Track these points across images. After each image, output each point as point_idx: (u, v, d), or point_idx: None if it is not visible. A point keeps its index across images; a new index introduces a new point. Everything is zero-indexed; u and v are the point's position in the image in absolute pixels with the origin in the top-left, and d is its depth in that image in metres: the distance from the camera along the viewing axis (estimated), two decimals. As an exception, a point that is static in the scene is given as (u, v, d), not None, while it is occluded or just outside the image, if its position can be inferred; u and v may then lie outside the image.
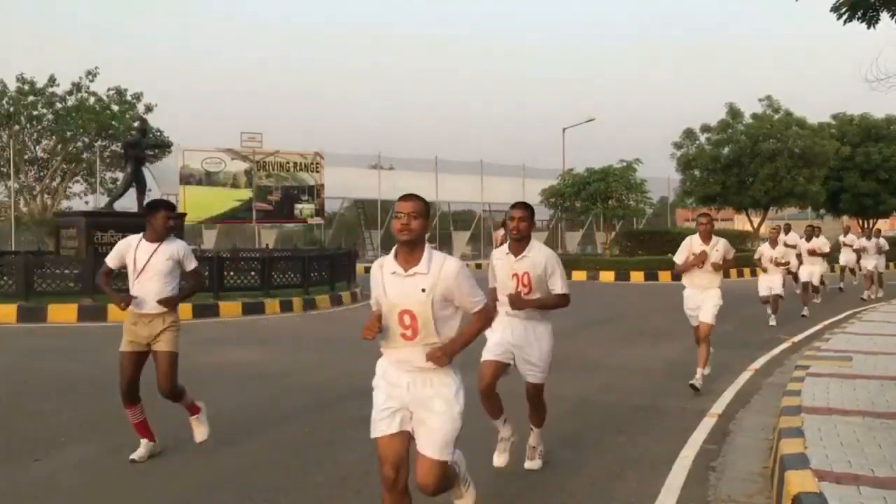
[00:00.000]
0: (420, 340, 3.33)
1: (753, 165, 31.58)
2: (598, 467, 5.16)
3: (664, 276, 24.52)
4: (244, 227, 35.39)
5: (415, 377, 3.37)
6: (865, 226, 39.46)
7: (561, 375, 8.24)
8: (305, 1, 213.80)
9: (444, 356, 3.28)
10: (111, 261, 5.32)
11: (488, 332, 4.70)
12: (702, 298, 7.62)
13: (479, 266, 33.72)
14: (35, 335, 11.63)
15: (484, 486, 4.78)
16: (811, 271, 15.15)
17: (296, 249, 21.31)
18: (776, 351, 10.26)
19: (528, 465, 5.07)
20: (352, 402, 7.08)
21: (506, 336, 4.87)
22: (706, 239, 7.63)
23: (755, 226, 35.07)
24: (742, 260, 28.17)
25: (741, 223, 41.83)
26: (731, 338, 11.42)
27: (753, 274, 27.25)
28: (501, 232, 29.43)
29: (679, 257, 7.73)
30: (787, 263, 13.45)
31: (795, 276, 15.98)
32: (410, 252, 3.33)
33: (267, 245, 31.39)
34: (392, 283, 3.35)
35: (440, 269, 3.30)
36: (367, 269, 30.91)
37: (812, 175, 31.75)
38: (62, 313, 13.10)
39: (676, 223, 45.37)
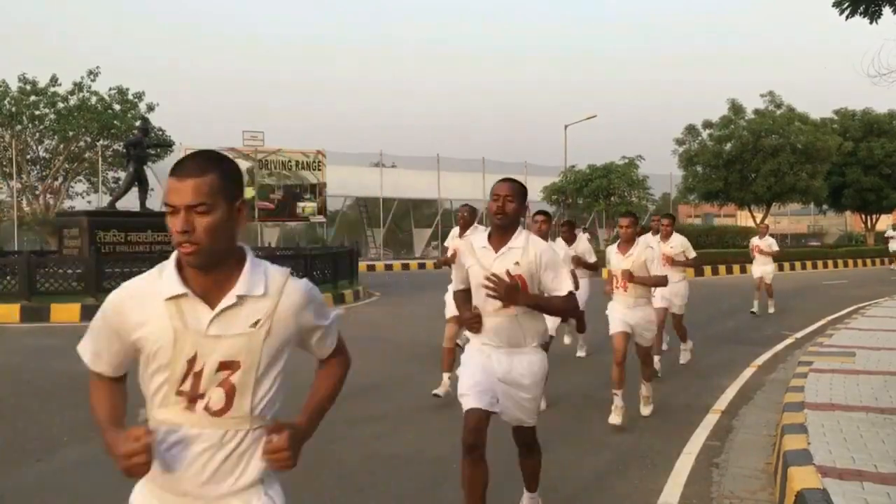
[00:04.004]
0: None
1: (756, 161, 31.52)
2: (601, 464, 5.15)
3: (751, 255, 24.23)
4: (246, 226, 35.36)
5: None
6: (868, 221, 39.44)
7: (563, 372, 8.23)
8: (307, 1, 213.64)
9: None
10: None
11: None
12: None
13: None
14: (38, 335, 11.64)
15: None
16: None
17: (298, 248, 21.31)
18: (779, 347, 10.24)
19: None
20: (353, 400, 7.07)
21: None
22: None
23: (758, 222, 35.01)
24: (747, 255, 28.10)
25: (744, 219, 41.80)
26: (733, 334, 11.41)
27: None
28: None
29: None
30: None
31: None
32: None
33: (269, 243, 31.42)
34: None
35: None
36: (370, 268, 30.93)
37: (814, 171, 31.69)
38: (65, 313, 13.11)
39: (679, 220, 45.29)
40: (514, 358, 3.59)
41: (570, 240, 8.79)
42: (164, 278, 1.78)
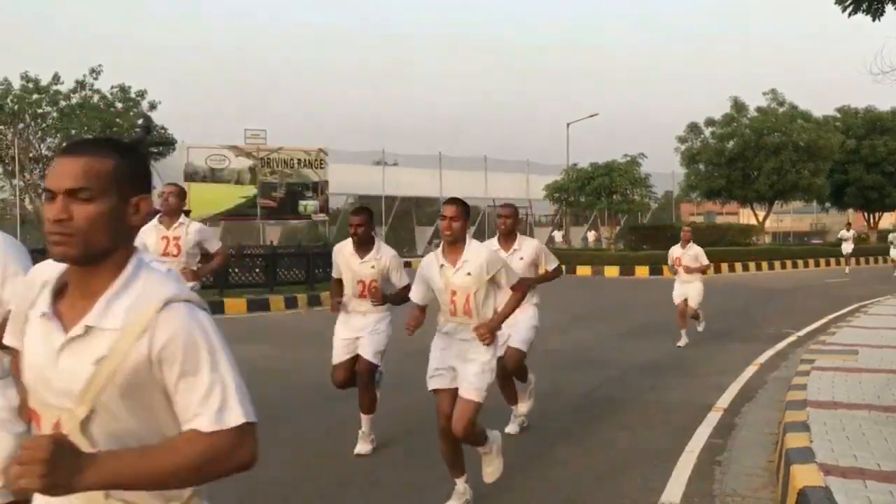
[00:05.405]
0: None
1: (758, 159, 31.49)
2: (603, 462, 5.15)
3: (669, 271, 24.45)
4: (248, 224, 35.39)
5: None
6: (870, 219, 39.40)
7: (565, 371, 8.24)
8: (309, 0, 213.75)
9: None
10: None
11: None
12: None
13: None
14: (40, 333, 11.64)
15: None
16: None
17: (300, 246, 21.30)
18: (781, 345, 10.24)
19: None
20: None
21: None
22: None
23: (760, 220, 34.99)
24: (749, 253, 28.11)
25: (746, 217, 41.76)
26: (735, 332, 11.42)
27: (758, 268, 27.22)
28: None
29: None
30: None
31: None
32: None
33: (271, 242, 31.40)
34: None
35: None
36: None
37: (817, 168, 31.65)
38: (67, 311, 13.11)
39: (681, 218, 45.25)
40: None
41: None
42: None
